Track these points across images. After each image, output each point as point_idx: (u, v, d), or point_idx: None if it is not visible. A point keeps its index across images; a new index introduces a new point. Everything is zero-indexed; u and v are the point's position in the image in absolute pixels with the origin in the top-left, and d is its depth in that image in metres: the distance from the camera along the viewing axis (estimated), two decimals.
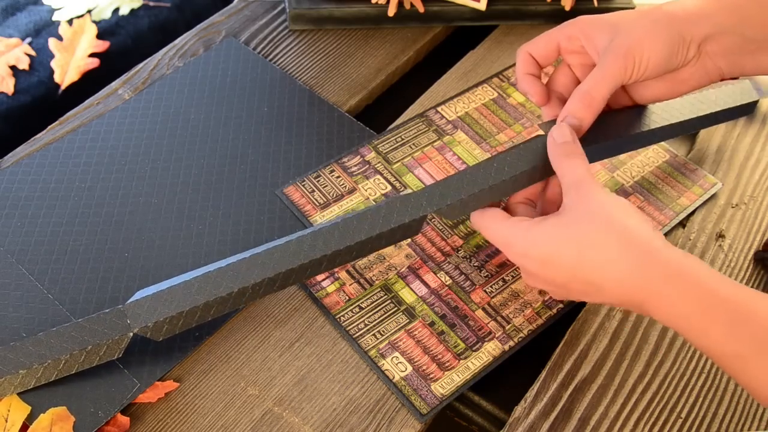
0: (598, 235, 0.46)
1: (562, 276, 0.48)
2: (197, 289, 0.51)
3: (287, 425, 0.52)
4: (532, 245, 0.49)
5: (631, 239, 0.46)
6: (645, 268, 0.45)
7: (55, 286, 0.57)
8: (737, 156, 0.70)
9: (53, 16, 0.86)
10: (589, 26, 0.54)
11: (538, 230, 0.49)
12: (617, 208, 0.47)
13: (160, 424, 0.52)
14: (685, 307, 0.44)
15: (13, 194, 0.62)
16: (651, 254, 0.45)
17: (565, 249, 0.47)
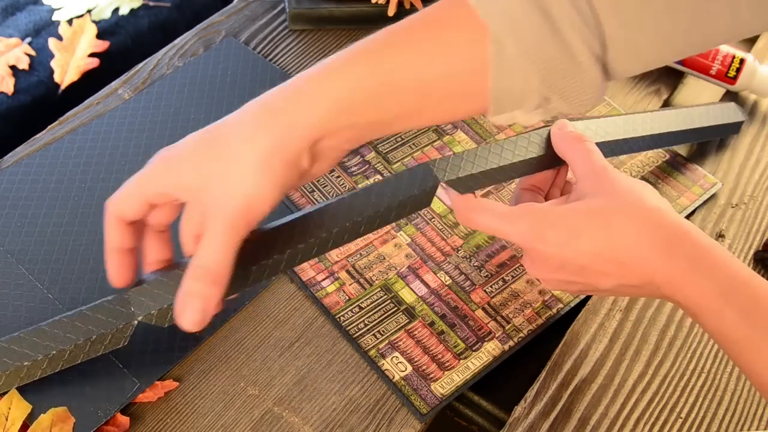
0: (628, 218, 0.46)
1: (583, 257, 0.46)
2: None
3: (287, 425, 0.52)
4: (551, 226, 0.47)
5: (662, 220, 0.45)
6: (675, 247, 0.45)
7: (55, 286, 0.57)
8: (737, 156, 0.70)
9: (53, 16, 0.86)
10: (185, 175, 0.45)
11: (558, 213, 0.47)
12: (645, 192, 0.47)
13: (160, 424, 0.52)
14: (706, 286, 0.44)
15: (13, 194, 0.62)
16: (680, 235, 0.45)
17: (591, 231, 0.46)
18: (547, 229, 0.47)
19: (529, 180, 0.54)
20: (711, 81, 0.74)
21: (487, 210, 0.49)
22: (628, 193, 0.46)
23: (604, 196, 0.47)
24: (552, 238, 0.46)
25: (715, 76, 0.73)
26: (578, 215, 0.46)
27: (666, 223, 0.45)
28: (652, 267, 0.45)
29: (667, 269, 0.45)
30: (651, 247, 0.45)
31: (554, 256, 0.47)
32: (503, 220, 0.48)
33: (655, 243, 0.45)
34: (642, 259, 0.45)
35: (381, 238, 0.61)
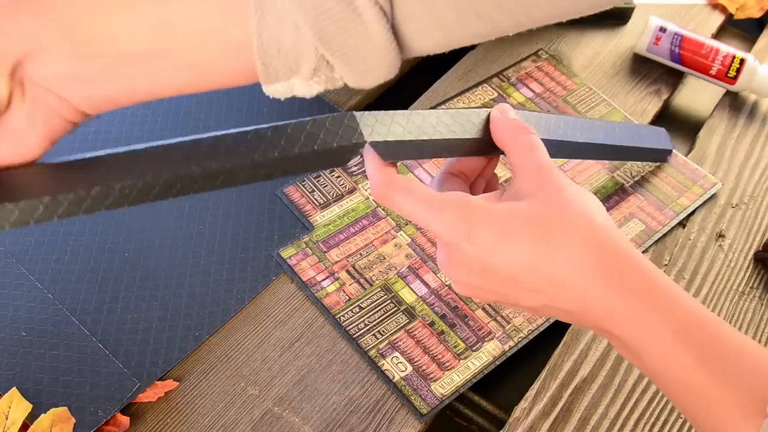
0: (573, 233, 0.39)
1: (512, 267, 0.40)
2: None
3: (287, 425, 0.52)
4: (482, 225, 0.39)
5: (610, 243, 0.39)
6: (623, 276, 0.38)
7: (55, 286, 0.57)
8: (737, 156, 0.70)
9: None
10: None
11: (492, 212, 0.40)
12: (593, 206, 0.41)
13: (160, 424, 0.52)
14: (656, 323, 0.38)
15: None
16: (629, 263, 0.39)
17: (527, 240, 0.39)
18: (477, 227, 0.40)
19: (456, 164, 0.46)
20: (711, 81, 0.74)
21: (411, 192, 0.41)
22: (575, 203, 0.40)
23: (547, 201, 0.40)
24: (481, 238, 0.39)
25: (715, 76, 0.73)
26: (515, 218, 0.39)
27: (614, 246, 0.39)
28: (593, 294, 0.39)
29: (611, 300, 0.38)
30: (595, 273, 0.39)
31: (477, 260, 0.40)
32: (428, 207, 0.41)
33: (600, 268, 0.39)
34: (582, 283, 0.39)
35: (381, 238, 0.61)
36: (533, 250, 0.39)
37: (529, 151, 0.42)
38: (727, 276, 0.62)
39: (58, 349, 0.54)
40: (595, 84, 0.74)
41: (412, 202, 0.41)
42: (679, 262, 0.62)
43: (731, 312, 0.60)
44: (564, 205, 0.40)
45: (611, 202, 0.65)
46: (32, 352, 0.54)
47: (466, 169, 0.47)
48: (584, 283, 0.39)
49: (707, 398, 0.37)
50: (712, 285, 0.61)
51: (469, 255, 0.40)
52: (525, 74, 0.74)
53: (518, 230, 0.39)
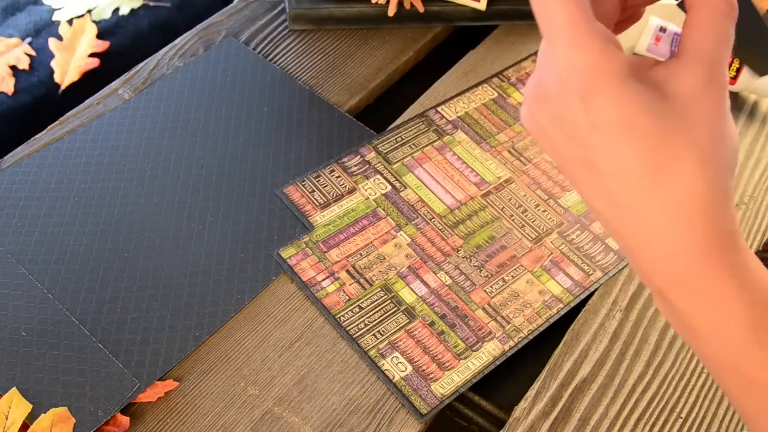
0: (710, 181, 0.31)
1: (610, 164, 0.32)
2: None
3: (287, 425, 0.52)
4: (610, 99, 0.31)
5: (725, 197, 0.31)
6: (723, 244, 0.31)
7: (55, 286, 0.57)
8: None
9: (53, 16, 0.86)
10: None
11: (634, 88, 0.31)
12: (730, 156, 0.32)
13: (160, 424, 0.52)
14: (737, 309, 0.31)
15: (13, 194, 0.62)
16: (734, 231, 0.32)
17: (650, 151, 0.31)
18: (604, 93, 0.31)
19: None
20: None
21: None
22: (727, 144, 0.32)
23: (702, 122, 0.31)
24: (598, 110, 0.31)
25: None
26: (656, 116, 0.31)
27: (725, 206, 0.31)
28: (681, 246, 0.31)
29: (698, 263, 0.31)
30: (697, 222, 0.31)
31: (577, 127, 0.32)
32: (573, 27, 0.31)
33: (707, 221, 0.31)
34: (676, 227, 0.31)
35: (381, 238, 0.61)
36: (646, 169, 0.31)
37: (719, 25, 0.32)
38: None
39: (58, 349, 0.54)
40: None
41: (564, 7, 0.31)
42: None
43: None
44: (718, 138, 0.31)
45: None
46: (32, 352, 0.54)
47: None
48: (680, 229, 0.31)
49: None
50: None
51: (572, 116, 0.32)
52: (525, 74, 0.75)
53: (647, 134, 0.30)
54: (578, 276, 0.60)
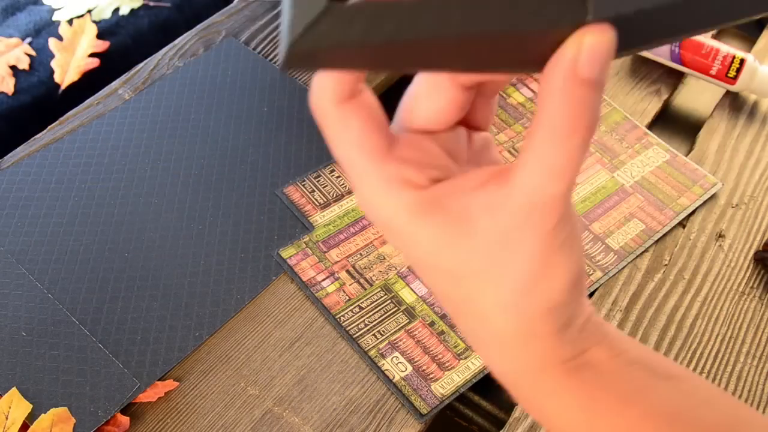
0: (495, 319, 0.29)
1: (434, 287, 0.31)
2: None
3: (287, 425, 0.52)
4: (408, 239, 0.29)
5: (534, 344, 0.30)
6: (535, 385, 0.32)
7: (55, 286, 0.57)
8: (737, 156, 0.70)
9: (53, 16, 0.86)
10: None
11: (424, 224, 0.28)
12: (550, 295, 0.28)
13: (160, 424, 0.52)
14: (564, 422, 0.32)
15: (13, 194, 0.62)
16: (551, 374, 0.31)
17: (440, 274, 0.30)
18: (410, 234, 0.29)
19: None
20: (711, 81, 0.74)
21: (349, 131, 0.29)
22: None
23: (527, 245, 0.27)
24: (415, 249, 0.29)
25: (715, 77, 0.73)
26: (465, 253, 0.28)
27: (547, 332, 0.30)
28: (508, 370, 0.34)
29: (529, 384, 0.33)
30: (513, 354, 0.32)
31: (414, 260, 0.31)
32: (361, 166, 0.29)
33: (523, 352, 0.31)
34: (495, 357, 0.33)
35: (381, 238, 0.61)
36: (451, 306, 0.31)
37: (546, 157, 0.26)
38: (727, 276, 0.62)
39: (58, 349, 0.54)
40: None
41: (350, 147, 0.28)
42: (679, 262, 0.62)
43: (731, 312, 0.60)
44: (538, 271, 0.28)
45: (611, 202, 0.65)
46: (32, 352, 0.54)
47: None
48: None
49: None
50: (712, 285, 0.61)
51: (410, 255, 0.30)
52: (525, 74, 0.75)
53: (443, 274, 0.29)
54: None
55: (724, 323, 0.59)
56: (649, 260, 0.62)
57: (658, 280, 0.61)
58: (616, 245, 0.62)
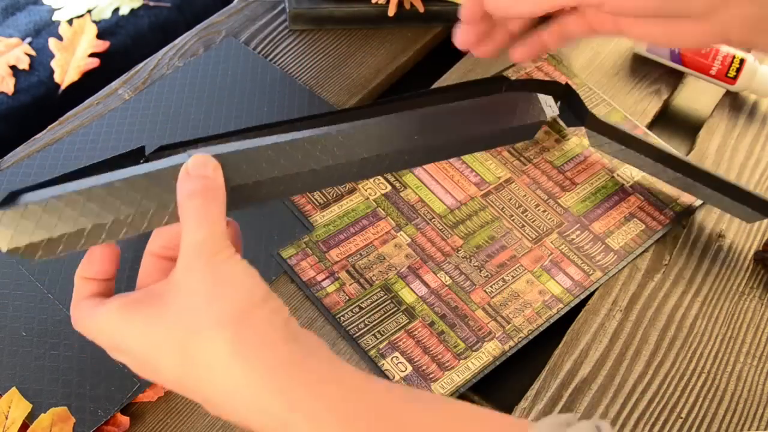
0: (201, 339, 0.35)
1: (167, 383, 0.39)
2: (307, 153, 0.43)
3: None
4: (125, 339, 0.38)
5: (245, 347, 0.35)
6: (262, 389, 0.35)
7: (55, 286, 0.57)
8: (737, 156, 0.70)
9: (53, 16, 0.86)
10: None
11: (132, 320, 0.38)
12: (237, 295, 0.36)
13: (160, 424, 0.52)
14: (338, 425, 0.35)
15: None
16: (270, 370, 0.35)
17: (163, 351, 0.37)
18: (121, 341, 0.39)
19: (159, 238, 0.42)
20: (711, 81, 0.74)
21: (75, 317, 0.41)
22: (212, 291, 0.36)
23: (186, 290, 0.37)
24: (132, 354, 0.39)
25: (715, 76, 0.73)
26: (152, 321, 0.37)
27: (257, 344, 0.36)
28: (251, 409, 0.36)
29: (274, 411, 0.35)
30: (236, 385, 0.35)
31: (147, 376, 0.40)
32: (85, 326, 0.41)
33: (241, 377, 0.35)
34: (230, 401, 0.36)
35: (381, 238, 0.61)
36: (175, 367, 0.37)
37: (193, 222, 0.37)
38: (727, 276, 0.62)
39: (58, 349, 0.54)
40: (595, 84, 0.74)
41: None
42: (679, 262, 0.62)
43: (731, 312, 0.60)
44: (205, 297, 0.36)
45: (611, 202, 0.65)
46: (32, 352, 0.54)
47: (168, 242, 0.41)
48: (231, 393, 0.36)
49: None
50: (712, 285, 0.61)
51: (137, 371, 0.40)
52: (525, 74, 0.74)
53: (157, 340, 0.37)
54: (578, 276, 0.60)
55: (724, 323, 0.59)
56: (649, 260, 0.62)
57: (658, 280, 0.61)
58: (616, 245, 0.62)
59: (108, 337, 0.39)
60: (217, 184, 0.39)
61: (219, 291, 0.36)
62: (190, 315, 0.36)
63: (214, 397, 0.36)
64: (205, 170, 0.38)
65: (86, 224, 0.39)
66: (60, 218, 0.38)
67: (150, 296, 0.38)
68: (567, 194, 0.65)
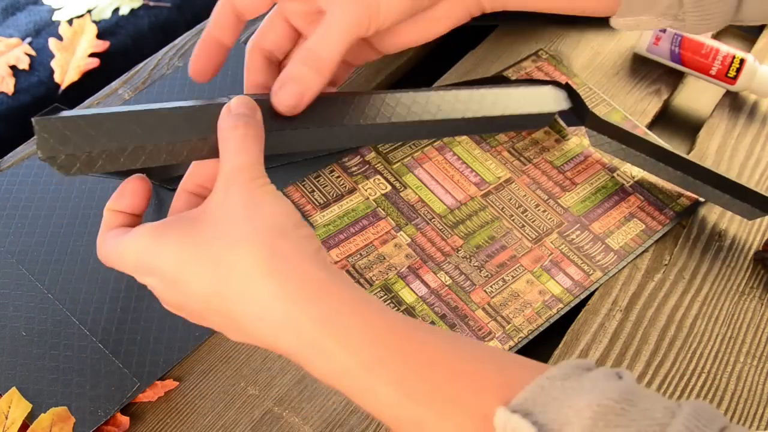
0: (238, 251, 0.36)
1: (195, 303, 0.39)
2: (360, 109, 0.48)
3: (287, 425, 0.52)
4: (156, 258, 0.38)
5: (280, 261, 0.36)
6: (294, 303, 0.35)
7: (55, 286, 0.57)
8: (737, 156, 0.70)
9: (53, 16, 0.86)
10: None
11: (165, 238, 0.38)
12: (273, 217, 0.37)
13: (160, 424, 0.52)
14: (345, 359, 0.34)
15: (13, 195, 0.62)
16: (304, 286, 0.35)
17: (197, 267, 0.37)
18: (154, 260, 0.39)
19: (193, 176, 0.44)
20: (711, 81, 0.74)
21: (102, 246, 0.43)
22: (245, 216, 0.37)
23: (220, 215, 0.38)
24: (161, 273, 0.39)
25: (715, 77, 0.73)
26: (186, 242, 0.38)
27: (286, 267, 0.36)
28: (269, 328, 0.36)
29: (289, 335, 0.36)
30: (261, 303, 0.36)
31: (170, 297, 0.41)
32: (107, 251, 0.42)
33: (265, 295, 0.36)
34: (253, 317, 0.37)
35: (381, 238, 0.61)
36: (207, 283, 0.37)
37: (230, 154, 0.39)
38: (727, 276, 0.62)
39: (58, 349, 0.54)
40: (595, 84, 0.74)
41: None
42: (679, 262, 0.62)
43: (731, 312, 0.60)
44: (238, 222, 0.37)
45: (611, 202, 0.65)
46: (32, 352, 0.54)
47: (203, 180, 0.44)
48: (257, 315, 0.36)
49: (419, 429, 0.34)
50: (712, 285, 0.61)
51: (161, 292, 0.40)
52: (525, 74, 0.74)
53: (191, 259, 0.37)
54: (578, 276, 0.60)
55: (724, 323, 0.59)
56: (649, 260, 0.62)
57: (658, 280, 0.61)
58: (616, 245, 0.62)
59: (136, 258, 0.39)
60: (257, 120, 0.40)
61: (257, 211, 0.37)
62: (228, 229, 0.36)
63: (245, 312, 0.36)
64: (246, 109, 0.40)
65: (128, 144, 0.39)
66: (103, 134, 0.38)
67: (184, 219, 0.39)
68: (567, 194, 0.65)
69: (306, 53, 0.43)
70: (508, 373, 0.34)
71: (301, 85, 0.42)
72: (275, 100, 0.43)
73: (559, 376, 0.32)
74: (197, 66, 0.47)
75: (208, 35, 0.47)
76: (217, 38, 0.47)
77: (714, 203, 0.64)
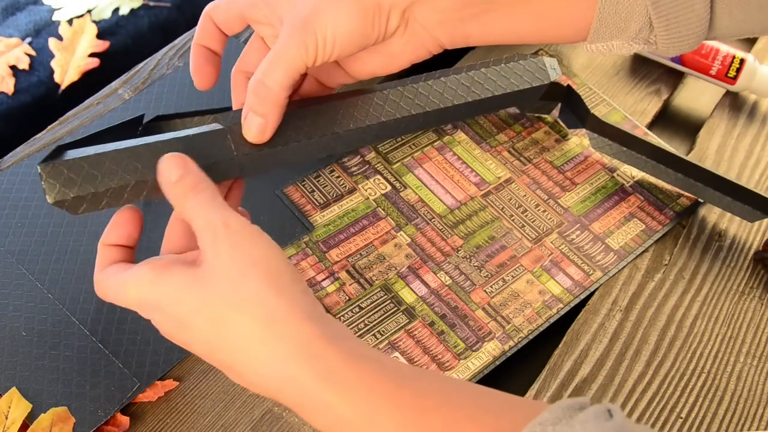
0: (237, 316, 0.37)
1: (198, 347, 0.40)
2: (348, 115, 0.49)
3: (287, 425, 0.52)
4: (161, 297, 0.39)
5: (279, 326, 0.37)
6: (295, 362, 0.36)
7: (55, 286, 0.57)
8: (737, 156, 0.70)
9: (53, 16, 0.86)
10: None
11: (169, 277, 0.39)
12: (267, 275, 0.38)
13: (160, 424, 0.52)
14: (345, 412, 0.36)
15: (13, 195, 0.62)
16: (303, 346, 0.37)
17: (199, 319, 0.38)
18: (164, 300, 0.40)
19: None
20: (711, 81, 0.74)
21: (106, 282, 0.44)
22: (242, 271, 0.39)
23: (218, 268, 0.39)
24: (170, 313, 0.40)
25: (715, 77, 0.73)
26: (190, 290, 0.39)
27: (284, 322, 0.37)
28: (269, 381, 0.38)
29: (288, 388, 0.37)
30: (260, 357, 0.37)
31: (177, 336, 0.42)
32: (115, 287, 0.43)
33: (265, 350, 0.37)
34: (254, 372, 0.38)
35: (381, 238, 0.61)
36: (208, 333, 0.39)
37: (199, 214, 0.40)
38: (727, 276, 0.62)
39: (58, 349, 0.54)
40: (595, 84, 0.74)
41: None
42: (679, 262, 0.62)
43: (731, 312, 0.60)
44: (237, 277, 0.38)
45: (611, 202, 0.65)
46: (32, 352, 0.54)
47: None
48: (255, 369, 0.38)
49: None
50: (712, 285, 0.61)
51: (167, 330, 0.41)
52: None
53: (194, 307, 0.38)
54: (578, 276, 0.60)
55: (724, 323, 0.59)
56: (649, 260, 0.62)
57: (658, 280, 0.61)
58: (616, 245, 0.62)
59: (138, 295, 0.40)
60: (194, 171, 0.41)
61: (250, 269, 0.38)
62: (225, 289, 0.38)
63: (246, 368, 0.38)
64: (177, 168, 0.41)
65: (129, 180, 0.42)
66: (105, 174, 0.41)
67: (183, 262, 0.40)
68: (567, 194, 0.65)
69: (255, 84, 0.44)
70: (502, 418, 0.35)
71: (259, 116, 0.44)
72: (244, 132, 0.45)
73: (551, 420, 0.33)
74: (199, 79, 0.50)
75: (197, 45, 0.49)
76: (205, 47, 0.49)
77: (715, 205, 0.64)
